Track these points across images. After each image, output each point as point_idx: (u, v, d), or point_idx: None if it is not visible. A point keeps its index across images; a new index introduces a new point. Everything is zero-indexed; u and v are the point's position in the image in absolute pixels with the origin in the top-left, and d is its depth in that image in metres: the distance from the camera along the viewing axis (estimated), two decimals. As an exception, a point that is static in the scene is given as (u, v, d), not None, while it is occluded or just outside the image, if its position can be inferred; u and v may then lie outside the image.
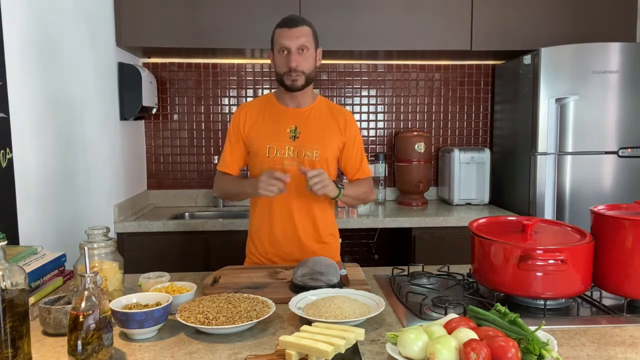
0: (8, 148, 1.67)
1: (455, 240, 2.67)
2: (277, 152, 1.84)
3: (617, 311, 1.35)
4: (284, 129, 1.85)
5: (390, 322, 1.30)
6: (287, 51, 1.79)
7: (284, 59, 1.80)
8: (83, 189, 2.27)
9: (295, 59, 1.78)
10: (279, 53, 1.81)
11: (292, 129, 1.85)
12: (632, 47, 2.68)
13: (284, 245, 1.88)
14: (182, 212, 3.01)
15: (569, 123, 2.68)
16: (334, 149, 1.89)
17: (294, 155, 1.84)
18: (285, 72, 1.80)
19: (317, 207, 1.89)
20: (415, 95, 3.33)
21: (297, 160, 1.83)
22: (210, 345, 1.17)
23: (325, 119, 1.90)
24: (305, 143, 1.84)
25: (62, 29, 2.10)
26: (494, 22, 2.87)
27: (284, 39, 1.79)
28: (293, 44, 1.78)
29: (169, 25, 2.73)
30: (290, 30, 1.79)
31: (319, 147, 1.85)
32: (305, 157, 1.84)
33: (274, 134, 1.85)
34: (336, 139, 1.89)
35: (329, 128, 1.89)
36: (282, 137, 1.85)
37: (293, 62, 1.78)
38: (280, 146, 1.84)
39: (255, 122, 1.88)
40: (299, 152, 1.84)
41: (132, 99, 2.75)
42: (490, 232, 1.42)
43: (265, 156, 1.84)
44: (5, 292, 1.03)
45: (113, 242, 1.44)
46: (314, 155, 1.84)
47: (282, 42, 1.79)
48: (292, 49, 1.78)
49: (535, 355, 0.99)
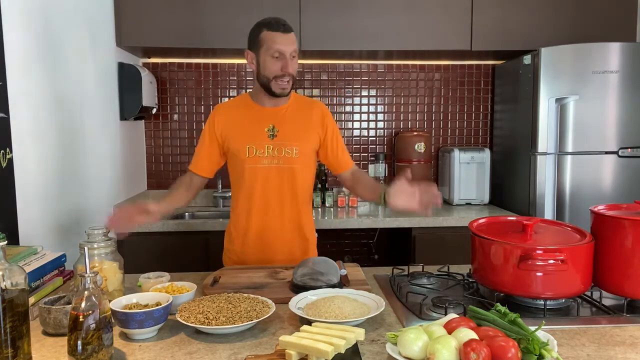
0: (8, 148, 1.67)
1: (455, 240, 2.67)
2: (256, 151, 1.85)
3: (617, 311, 1.35)
4: (262, 128, 1.87)
5: (390, 322, 1.30)
6: (281, 56, 1.78)
7: (277, 63, 1.78)
8: (83, 189, 2.27)
9: (290, 64, 1.79)
10: (272, 57, 1.78)
11: (269, 127, 1.86)
12: (632, 47, 2.68)
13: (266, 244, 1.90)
14: (182, 212, 3.00)
15: (569, 123, 2.67)
16: (313, 144, 1.91)
17: (273, 153, 1.86)
18: (276, 77, 1.79)
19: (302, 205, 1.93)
20: (415, 95, 3.33)
21: (277, 159, 1.86)
22: (210, 345, 1.17)
23: (301, 115, 1.91)
24: (284, 141, 1.86)
25: (62, 29, 2.10)
26: (494, 22, 2.87)
27: (279, 44, 1.77)
28: (288, 49, 1.78)
29: (169, 25, 2.73)
30: (286, 36, 1.79)
31: (298, 143, 1.87)
32: (285, 155, 1.86)
33: (252, 134, 1.86)
34: (314, 133, 1.91)
35: (306, 123, 1.90)
36: (261, 136, 1.86)
37: (290, 67, 1.79)
38: (259, 145, 1.85)
39: (233, 123, 1.89)
40: (279, 149, 1.86)
41: (132, 99, 2.74)
42: (490, 232, 1.42)
43: (245, 156, 1.85)
44: (5, 292, 1.03)
45: (113, 242, 1.44)
46: (294, 152, 1.86)
47: (277, 47, 1.77)
48: (287, 54, 1.78)
49: (535, 355, 0.99)
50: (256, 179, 1.86)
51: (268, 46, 1.79)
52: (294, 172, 1.86)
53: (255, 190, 1.87)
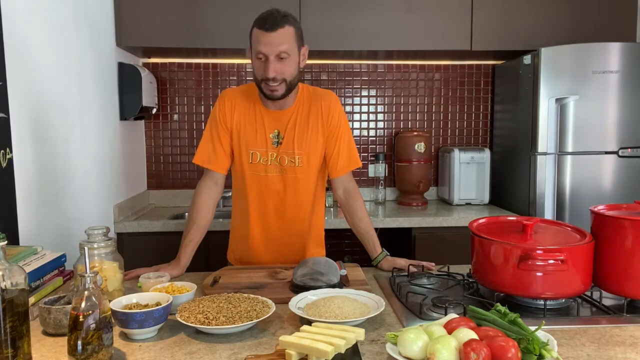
0: (8, 148, 1.67)
1: (455, 240, 2.67)
2: (260, 158, 1.77)
3: (617, 311, 1.35)
4: (267, 133, 1.77)
5: (390, 322, 1.30)
6: (264, 57, 1.62)
7: (261, 66, 1.63)
8: (83, 189, 2.27)
9: (274, 68, 1.61)
10: (256, 58, 1.64)
11: (275, 134, 1.76)
12: (632, 47, 2.68)
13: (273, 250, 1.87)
14: (182, 212, 3.00)
15: (569, 123, 2.68)
16: (317, 148, 1.80)
17: (276, 162, 1.78)
18: (262, 79, 1.65)
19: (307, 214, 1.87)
20: (415, 95, 3.33)
21: (279, 167, 1.78)
22: (210, 345, 1.17)
23: (307, 117, 1.78)
24: (287, 149, 1.77)
25: (62, 29, 2.10)
26: (494, 22, 2.87)
27: (261, 45, 1.60)
28: (272, 50, 1.60)
29: (169, 25, 2.73)
30: (269, 35, 1.59)
31: (302, 151, 1.78)
32: (288, 163, 1.78)
33: (257, 139, 1.77)
34: (319, 136, 1.79)
35: (311, 126, 1.78)
36: (265, 142, 1.77)
37: (271, 72, 1.61)
38: (263, 153, 1.77)
39: (240, 117, 1.77)
40: (282, 158, 1.78)
41: (132, 99, 2.74)
42: (490, 232, 1.42)
43: (248, 162, 1.78)
44: (5, 292, 1.03)
45: (113, 242, 1.44)
46: (297, 162, 1.78)
47: (259, 48, 1.61)
48: (270, 56, 1.60)
49: (535, 355, 0.99)
50: (258, 187, 1.81)
51: (253, 46, 1.65)
52: (297, 182, 1.80)
53: (257, 199, 1.82)
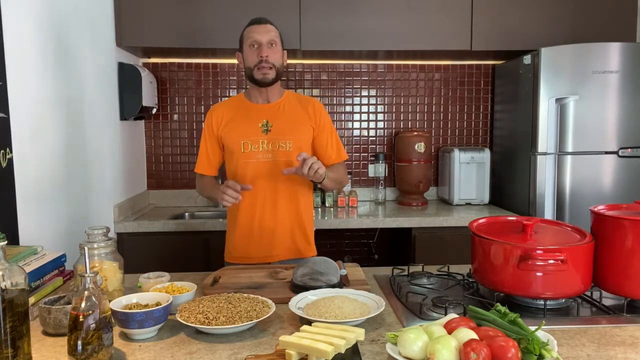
0: (8, 148, 1.67)
1: (455, 240, 2.67)
2: (251, 146, 1.91)
3: (617, 311, 1.35)
4: (256, 124, 1.92)
5: (390, 322, 1.30)
6: (257, 45, 1.88)
7: (254, 52, 1.88)
8: (83, 189, 2.27)
9: (266, 50, 1.87)
10: (250, 48, 1.89)
11: (263, 123, 1.92)
12: (632, 47, 2.68)
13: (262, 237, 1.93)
14: (182, 212, 3.01)
15: (569, 123, 2.68)
16: (307, 137, 1.96)
17: (268, 148, 1.91)
18: (255, 65, 1.88)
19: (300, 197, 1.97)
20: (415, 95, 3.33)
21: (271, 153, 1.91)
22: (210, 345, 1.17)
23: (295, 110, 1.97)
24: (278, 135, 1.91)
25: (62, 29, 2.10)
26: (494, 22, 2.87)
27: (254, 34, 1.88)
28: (264, 37, 1.88)
29: (169, 25, 2.73)
30: (261, 26, 1.90)
31: (292, 137, 1.91)
32: (279, 149, 1.91)
33: (246, 130, 1.92)
34: (308, 127, 1.96)
35: (299, 118, 1.96)
36: (255, 131, 1.91)
37: (264, 52, 1.87)
38: (254, 141, 1.91)
39: (228, 121, 1.95)
40: (273, 144, 1.91)
41: (132, 99, 2.74)
42: (490, 232, 1.42)
43: (240, 152, 1.91)
44: (5, 292, 1.03)
45: (113, 242, 1.44)
46: (288, 145, 1.91)
47: (252, 37, 1.88)
48: (262, 42, 1.88)
49: (535, 355, 0.99)
50: (251, 174, 1.90)
51: (246, 39, 1.91)
52: (290, 165, 1.87)
53: (251, 185, 1.88)
